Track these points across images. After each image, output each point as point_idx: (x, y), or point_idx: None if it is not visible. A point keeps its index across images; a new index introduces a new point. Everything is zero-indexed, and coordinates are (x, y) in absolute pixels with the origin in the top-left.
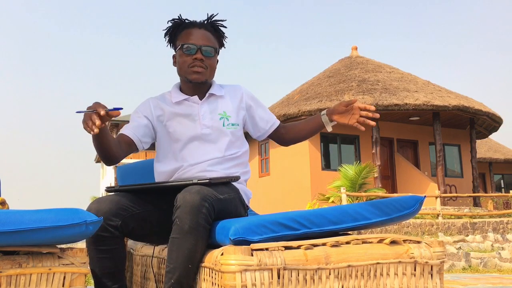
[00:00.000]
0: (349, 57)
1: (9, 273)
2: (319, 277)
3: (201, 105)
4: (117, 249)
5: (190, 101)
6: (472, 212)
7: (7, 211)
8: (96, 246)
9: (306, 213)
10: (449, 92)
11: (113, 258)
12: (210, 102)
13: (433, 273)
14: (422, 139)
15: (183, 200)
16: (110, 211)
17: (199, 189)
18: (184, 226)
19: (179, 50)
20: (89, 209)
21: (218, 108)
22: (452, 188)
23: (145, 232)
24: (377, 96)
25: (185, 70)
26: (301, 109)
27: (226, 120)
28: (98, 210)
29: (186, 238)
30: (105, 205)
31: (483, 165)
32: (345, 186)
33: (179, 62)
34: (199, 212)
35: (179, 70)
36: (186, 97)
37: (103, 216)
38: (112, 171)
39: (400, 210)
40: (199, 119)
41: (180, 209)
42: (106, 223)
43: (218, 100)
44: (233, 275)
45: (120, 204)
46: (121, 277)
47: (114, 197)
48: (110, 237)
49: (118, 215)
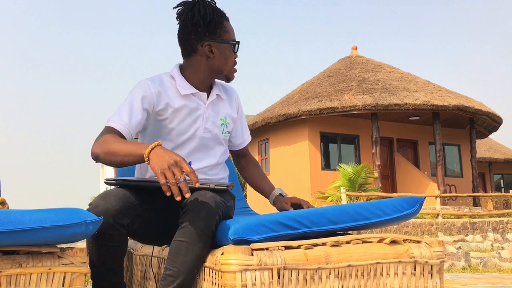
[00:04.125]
0: (349, 57)
1: (9, 273)
2: (319, 277)
3: (207, 107)
4: (120, 246)
5: (198, 98)
6: (472, 212)
7: (7, 211)
8: (102, 242)
9: (306, 213)
10: (449, 92)
11: (116, 253)
12: (215, 104)
13: (433, 272)
14: (422, 139)
15: (197, 205)
16: (120, 209)
17: (213, 195)
18: (196, 230)
19: (228, 44)
20: (96, 205)
21: (220, 112)
22: (452, 188)
23: (147, 232)
24: (377, 96)
25: (230, 68)
26: (301, 109)
27: (225, 127)
28: (106, 208)
29: (196, 243)
30: (114, 202)
31: (483, 165)
32: (345, 186)
33: (227, 58)
34: (213, 218)
35: (223, 65)
36: (195, 92)
37: (112, 215)
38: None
39: (400, 211)
40: (203, 121)
41: (193, 214)
42: (116, 222)
43: (220, 102)
44: (233, 274)
45: (129, 202)
46: (119, 271)
47: (121, 192)
48: (117, 235)
49: (127, 213)
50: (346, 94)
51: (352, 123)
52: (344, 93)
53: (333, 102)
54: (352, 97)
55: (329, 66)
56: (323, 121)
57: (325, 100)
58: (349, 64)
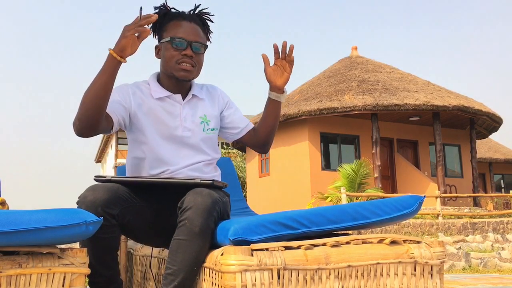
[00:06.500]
0: (349, 57)
1: (9, 273)
2: (319, 277)
3: (183, 106)
4: (113, 237)
5: (172, 99)
6: (472, 212)
7: (7, 211)
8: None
9: (305, 212)
10: (449, 92)
11: (108, 246)
12: (192, 103)
13: (433, 273)
14: (422, 139)
15: (195, 202)
16: (109, 199)
17: (209, 192)
18: (195, 228)
19: (166, 42)
20: (84, 196)
21: (198, 111)
22: (452, 188)
23: (139, 228)
24: (377, 96)
25: (172, 65)
26: (301, 109)
27: (206, 124)
28: (95, 197)
29: (195, 241)
30: (103, 193)
31: (483, 165)
32: (344, 186)
33: (166, 56)
34: (211, 215)
35: (165, 65)
36: (168, 94)
37: (101, 204)
38: (112, 172)
39: (399, 210)
40: (181, 120)
41: (191, 211)
42: (104, 211)
43: (199, 102)
44: (233, 275)
45: (119, 193)
46: (114, 265)
47: (109, 185)
48: (107, 225)
49: (117, 204)
50: (346, 95)
51: (352, 124)
52: (344, 94)
53: (333, 102)
54: (352, 97)
55: (329, 67)
56: (323, 122)
57: (325, 100)
58: (349, 64)
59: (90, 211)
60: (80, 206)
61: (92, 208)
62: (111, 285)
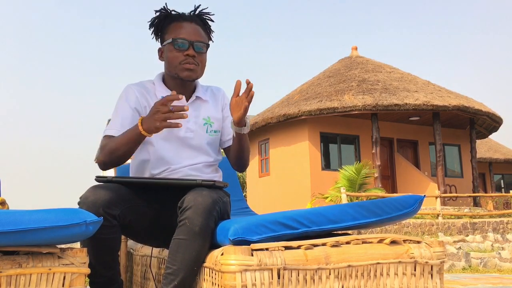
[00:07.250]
0: (349, 57)
1: (9, 273)
2: (319, 277)
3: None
4: (113, 238)
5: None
6: (472, 212)
7: (7, 211)
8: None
9: (305, 212)
10: (449, 92)
11: (109, 246)
12: (195, 105)
13: (433, 273)
14: (422, 139)
15: (195, 202)
16: (110, 200)
17: (210, 191)
18: (195, 228)
19: (169, 44)
20: (86, 197)
21: (202, 112)
22: (452, 188)
23: (140, 228)
24: (377, 96)
25: (175, 66)
26: (301, 109)
27: (209, 126)
28: (96, 198)
29: (195, 240)
30: (104, 193)
31: (483, 165)
32: (345, 186)
33: (169, 58)
34: (211, 214)
35: (169, 66)
36: None
37: (102, 205)
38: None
39: (399, 209)
40: (184, 121)
41: (191, 211)
42: (105, 212)
43: (202, 104)
44: (233, 275)
45: (120, 194)
46: (114, 265)
47: (110, 185)
48: (108, 226)
49: (118, 204)
50: (346, 95)
51: (352, 124)
52: (344, 93)
53: (333, 102)
54: (352, 97)
55: (329, 67)
56: (323, 122)
57: (325, 100)
58: (349, 64)
59: (92, 211)
60: (81, 206)
61: (93, 208)
62: (112, 286)
